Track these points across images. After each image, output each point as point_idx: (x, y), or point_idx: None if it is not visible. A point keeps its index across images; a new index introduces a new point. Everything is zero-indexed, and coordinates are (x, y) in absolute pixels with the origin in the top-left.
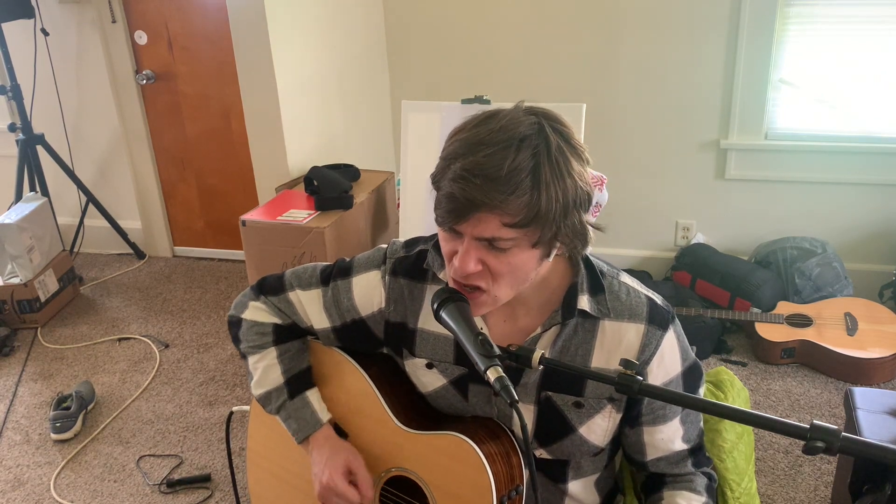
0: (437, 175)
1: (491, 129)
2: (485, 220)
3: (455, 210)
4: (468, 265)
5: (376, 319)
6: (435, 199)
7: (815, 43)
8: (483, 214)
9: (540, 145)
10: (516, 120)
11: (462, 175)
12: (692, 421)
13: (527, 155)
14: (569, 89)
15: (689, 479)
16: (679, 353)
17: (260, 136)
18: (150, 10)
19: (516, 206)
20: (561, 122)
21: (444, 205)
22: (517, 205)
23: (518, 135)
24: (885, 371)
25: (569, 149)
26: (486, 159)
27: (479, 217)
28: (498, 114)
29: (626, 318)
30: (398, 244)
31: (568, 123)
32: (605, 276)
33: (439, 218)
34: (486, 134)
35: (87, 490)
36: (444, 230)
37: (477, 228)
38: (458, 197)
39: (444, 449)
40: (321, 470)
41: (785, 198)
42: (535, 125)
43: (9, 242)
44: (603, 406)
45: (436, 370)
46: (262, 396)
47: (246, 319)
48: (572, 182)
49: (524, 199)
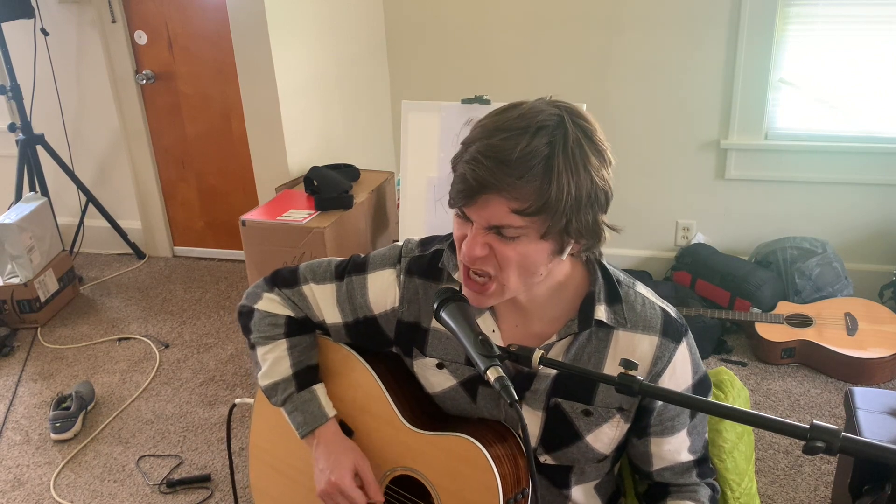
0: (455, 158)
1: (510, 116)
2: (493, 204)
3: (464, 191)
4: (475, 249)
5: (388, 318)
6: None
7: (815, 43)
8: (491, 196)
9: (557, 135)
10: (537, 109)
11: (475, 157)
12: (699, 432)
13: (542, 142)
14: (569, 89)
15: (693, 490)
16: (691, 367)
17: (260, 136)
18: (150, 10)
19: (525, 192)
20: (585, 117)
21: (457, 185)
22: (526, 190)
23: (536, 122)
24: (885, 371)
25: (588, 144)
26: (501, 142)
27: (488, 199)
28: (522, 104)
29: (641, 330)
30: (413, 242)
31: (594, 121)
32: (622, 285)
33: (451, 199)
34: (505, 120)
35: (87, 490)
36: (456, 215)
37: (485, 212)
38: (469, 178)
39: (452, 450)
40: (328, 467)
41: (785, 198)
42: (556, 116)
43: (9, 242)
44: (612, 415)
45: (446, 370)
46: (268, 387)
47: (259, 310)
48: (588, 177)
49: (534, 185)
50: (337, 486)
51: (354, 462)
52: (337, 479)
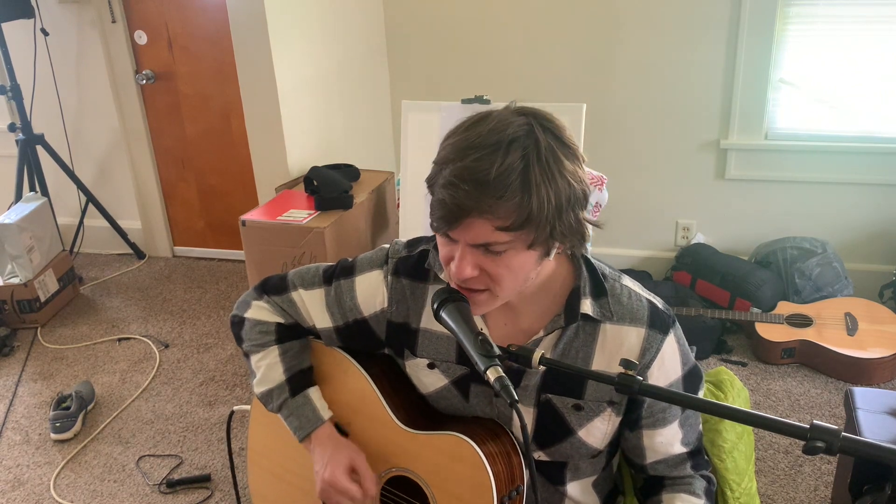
0: (430, 180)
1: (480, 132)
2: (477, 225)
3: (446, 216)
4: (464, 271)
5: (378, 319)
6: (430, 205)
7: (815, 43)
8: (474, 220)
9: (529, 146)
10: (506, 121)
11: (451, 181)
12: (691, 424)
13: (516, 157)
14: (569, 89)
15: (688, 482)
16: (679, 357)
17: (260, 136)
18: (150, 10)
19: (507, 210)
20: (552, 120)
21: (437, 211)
22: (507, 208)
23: (507, 137)
24: (885, 371)
25: (560, 148)
26: (475, 164)
27: (471, 222)
28: (489, 116)
29: (628, 322)
30: (400, 244)
31: (559, 121)
32: (607, 278)
33: (433, 224)
34: (475, 137)
35: (86, 490)
36: (440, 236)
37: (470, 234)
38: (449, 203)
39: (445, 449)
40: (323, 466)
41: (785, 198)
42: (525, 126)
43: (9, 242)
44: (602, 409)
45: (437, 370)
46: (263, 394)
47: (249, 318)
48: (564, 182)
49: (514, 202)
50: (331, 482)
51: (349, 458)
52: (330, 475)
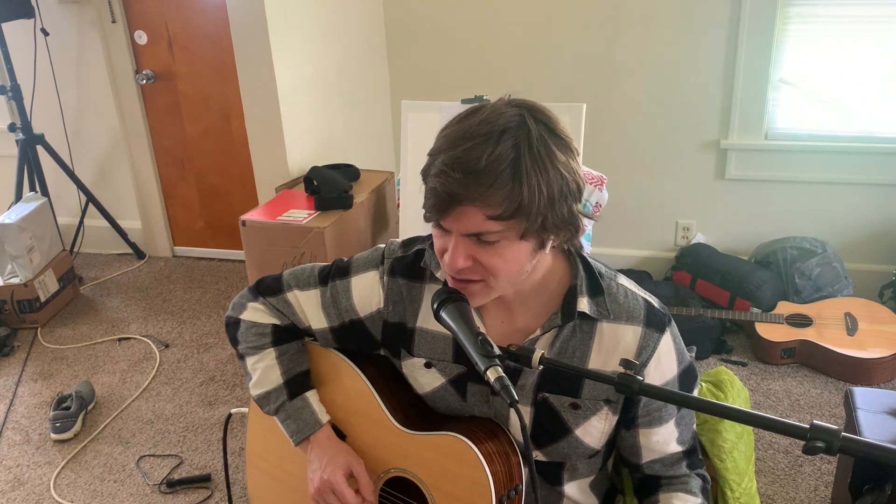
0: (424, 171)
1: (472, 122)
2: (468, 214)
3: (438, 205)
4: (457, 261)
5: (374, 320)
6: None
7: (815, 43)
8: (465, 208)
9: (521, 136)
10: (498, 112)
11: (442, 170)
12: (686, 423)
13: (507, 146)
14: (569, 89)
15: (684, 481)
16: (675, 356)
17: (260, 136)
18: (150, 10)
19: (497, 198)
20: (545, 112)
21: (429, 199)
22: (498, 197)
23: (499, 127)
24: (885, 371)
25: (553, 139)
26: (466, 153)
27: (462, 211)
28: (482, 108)
29: (624, 321)
30: (396, 244)
31: (553, 114)
32: (604, 277)
33: (426, 213)
34: (468, 128)
35: (87, 490)
36: (434, 227)
37: (461, 223)
38: (440, 191)
39: (443, 449)
40: (321, 467)
41: (785, 198)
42: (518, 117)
43: (9, 242)
44: (599, 408)
45: (434, 369)
46: (260, 397)
47: (244, 320)
48: (557, 173)
49: (505, 191)
50: (329, 484)
51: (348, 462)
52: (329, 476)
